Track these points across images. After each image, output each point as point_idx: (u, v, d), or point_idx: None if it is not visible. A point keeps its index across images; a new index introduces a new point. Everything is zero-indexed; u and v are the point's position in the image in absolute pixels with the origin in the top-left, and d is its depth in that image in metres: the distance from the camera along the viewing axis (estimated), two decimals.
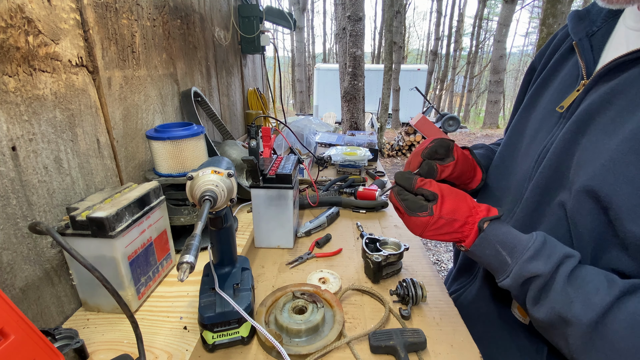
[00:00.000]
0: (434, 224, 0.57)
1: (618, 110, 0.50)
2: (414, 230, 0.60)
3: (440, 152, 0.69)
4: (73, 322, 0.65)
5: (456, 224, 0.57)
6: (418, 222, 0.58)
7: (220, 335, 0.58)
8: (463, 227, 0.57)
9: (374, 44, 19.04)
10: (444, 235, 0.58)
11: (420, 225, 0.58)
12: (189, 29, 1.18)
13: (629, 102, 0.49)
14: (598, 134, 0.51)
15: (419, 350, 0.59)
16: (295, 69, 12.50)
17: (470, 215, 0.57)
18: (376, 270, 0.76)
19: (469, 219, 0.57)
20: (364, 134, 2.17)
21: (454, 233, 0.57)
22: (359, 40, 3.64)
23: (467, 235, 0.57)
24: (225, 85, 1.60)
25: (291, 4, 8.71)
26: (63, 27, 0.64)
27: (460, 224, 0.57)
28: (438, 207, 0.57)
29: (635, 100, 0.48)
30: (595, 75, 0.54)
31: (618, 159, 0.47)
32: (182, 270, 0.38)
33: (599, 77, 0.54)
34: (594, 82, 0.55)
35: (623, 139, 0.47)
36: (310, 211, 1.16)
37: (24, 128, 0.57)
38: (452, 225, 0.57)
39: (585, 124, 0.54)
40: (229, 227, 0.61)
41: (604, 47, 0.57)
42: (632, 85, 0.49)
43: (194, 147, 0.84)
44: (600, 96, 0.53)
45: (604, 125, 0.51)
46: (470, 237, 0.57)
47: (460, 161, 0.71)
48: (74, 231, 0.59)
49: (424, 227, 0.58)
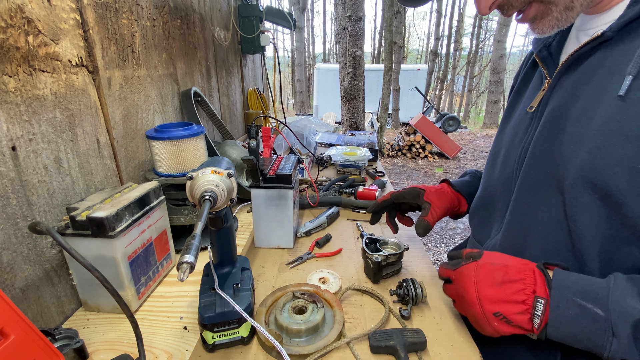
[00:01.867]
0: (482, 269, 0.51)
1: (587, 99, 0.52)
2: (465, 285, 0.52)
3: (407, 197, 0.79)
4: (73, 322, 0.65)
5: (510, 269, 0.49)
6: (465, 270, 0.53)
7: (220, 335, 0.58)
8: (520, 273, 0.48)
9: (374, 44, 19.05)
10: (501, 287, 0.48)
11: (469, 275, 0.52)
12: (189, 29, 1.18)
13: (595, 90, 0.51)
14: (574, 125, 0.53)
15: (419, 350, 0.59)
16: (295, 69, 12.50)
17: (526, 264, 0.51)
18: (376, 270, 0.76)
19: (524, 266, 0.50)
20: (364, 134, 2.17)
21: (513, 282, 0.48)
22: (359, 40, 3.64)
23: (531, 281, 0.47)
24: (225, 85, 1.60)
25: (291, 4, 8.71)
26: (63, 27, 0.64)
27: (515, 269, 0.49)
28: (485, 256, 0.54)
29: (601, 87, 0.50)
30: (557, 73, 0.58)
31: (602, 144, 0.48)
32: (182, 270, 0.38)
33: (560, 74, 0.58)
34: (557, 79, 0.58)
35: (601, 124, 0.48)
36: (310, 211, 1.16)
37: (23, 128, 0.57)
38: (506, 271, 0.49)
39: (559, 120, 0.56)
40: (229, 227, 0.61)
41: (561, 51, 0.62)
42: (594, 73, 0.52)
43: (194, 147, 0.84)
44: (566, 91, 0.56)
45: (578, 117, 0.53)
46: (539, 283, 0.47)
47: (435, 203, 0.77)
48: (74, 231, 0.59)
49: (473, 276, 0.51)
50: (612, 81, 0.49)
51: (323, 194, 1.26)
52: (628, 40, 0.48)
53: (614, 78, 0.49)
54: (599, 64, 0.52)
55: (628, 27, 0.49)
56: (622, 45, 0.49)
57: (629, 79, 0.46)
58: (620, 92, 0.46)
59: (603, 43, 0.52)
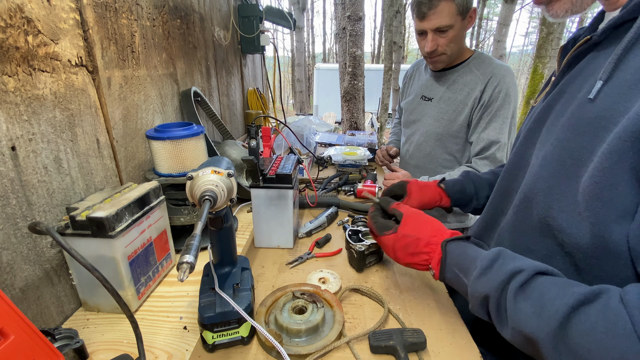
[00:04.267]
0: (399, 242, 0.61)
1: (568, 97, 0.55)
2: (386, 250, 0.65)
3: (396, 191, 0.87)
4: (73, 322, 0.65)
5: (420, 242, 0.60)
6: (385, 240, 0.64)
7: (220, 335, 0.58)
8: (427, 246, 0.59)
9: (374, 43, 19.04)
10: (413, 256, 0.61)
11: (388, 245, 0.63)
12: (188, 29, 1.18)
13: (575, 90, 0.54)
14: (552, 119, 0.57)
15: (419, 350, 0.59)
16: (295, 69, 12.50)
17: (434, 236, 0.60)
18: (360, 259, 0.80)
19: (433, 238, 0.60)
20: (364, 134, 2.17)
21: (421, 254, 0.60)
22: (359, 40, 3.64)
23: (432, 256, 0.59)
24: (225, 85, 1.60)
25: (291, 4, 8.70)
26: (63, 27, 0.64)
27: (425, 242, 0.59)
28: (402, 225, 0.62)
29: (579, 88, 0.53)
30: (560, 71, 0.61)
31: (562, 137, 0.51)
32: (182, 270, 0.38)
33: (562, 72, 0.60)
34: (560, 77, 0.61)
35: (566, 119, 0.52)
36: (309, 211, 1.16)
37: (23, 128, 0.57)
38: (417, 244, 0.60)
39: (546, 113, 0.60)
40: (229, 227, 0.61)
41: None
42: (580, 74, 0.55)
43: (194, 147, 0.84)
44: (559, 87, 0.59)
45: (557, 112, 0.56)
46: (435, 258, 0.58)
47: (414, 194, 0.84)
48: (74, 231, 0.59)
49: (392, 246, 0.62)
50: (587, 83, 0.51)
51: (321, 192, 1.26)
52: (615, 44, 0.49)
53: (589, 81, 0.51)
54: (586, 65, 0.54)
55: (617, 31, 0.50)
56: (608, 49, 0.51)
57: (599, 83, 0.47)
58: (590, 95, 0.48)
59: (596, 45, 0.53)
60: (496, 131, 1.14)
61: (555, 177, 0.51)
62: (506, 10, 5.93)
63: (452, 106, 1.22)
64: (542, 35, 4.60)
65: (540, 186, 0.53)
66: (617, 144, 0.42)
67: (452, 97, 1.22)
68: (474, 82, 1.18)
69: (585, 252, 0.47)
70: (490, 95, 1.14)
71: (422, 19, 1.11)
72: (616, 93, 0.45)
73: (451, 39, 1.12)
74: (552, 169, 0.52)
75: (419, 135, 1.34)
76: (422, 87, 1.35)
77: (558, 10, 0.54)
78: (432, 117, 1.28)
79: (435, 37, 1.13)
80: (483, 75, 1.16)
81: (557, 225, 0.50)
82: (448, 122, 1.23)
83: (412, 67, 1.49)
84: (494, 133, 1.14)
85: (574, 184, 0.48)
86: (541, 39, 4.64)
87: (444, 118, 1.24)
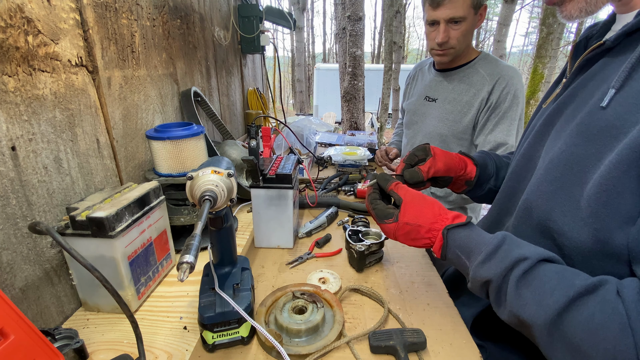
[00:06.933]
0: (400, 230, 0.61)
1: (579, 102, 0.54)
2: (388, 235, 0.64)
3: (419, 155, 0.76)
4: (73, 322, 0.65)
5: (422, 230, 0.59)
6: (386, 228, 0.63)
7: (220, 335, 0.58)
8: (429, 233, 0.59)
9: (374, 43, 19.05)
10: (414, 241, 0.61)
11: (389, 232, 0.62)
12: (188, 29, 1.18)
13: (587, 95, 0.53)
14: (562, 123, 0.56)
15: (419, 350, 0.59)
16: (295, 69, 12.50)
17: (436, 222, 0.59)
18: (360, 259, 0.80)
19: (434, 225, 0.59)
20: (364, 134, 2.17)
21: (422, 239, 0.60)
22: (359, 40, 3.64)
23: (433, 241, 0.59)
24: (225, 85, 1.60)
25: (291, 4, 8.70)
26: (63, 27, 0.64)
27: (426, 229, 0.59)
28: (402, 213, 0.61)
29: (590, 94, 0.52)
30: (571, 74, 0.60)
31: (570, 142, 0.51)
32: (182, 270, 0.38)
33: (574, 75, 0.59)
34: (571, 80, 0.60)
35: (574, 125, 0.51)
36: (309, 211, 1.16)
37: (23, 128, 0.57)
38: (418, 231, 0.59)
39: (556, 116, 0.59)
40: (229, 227, 0.61)
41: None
42: (592, 79, 0.54)
43: (194, 147, 0.84)
44: (570, 91, 0.58)
45: (567, 116, 0.56)
46: (437, 244, 0.59)
47: (439, 155, 0.75)
48: (74, 231, 0.59)
49: (393, 233, 0.62)
50: (599, 90, 0.50)
51: (321, 193, 1.26)
52: (629, 51, 0.48)
53: (601, 88, 0.50)
54: (599, 70, 0.53)
55: (631, 38, 0.49)
56: (622, 56, 0.50)
57: (612, 92, 0.47)
58: (602, 103, 0.48)
59: (609, 51, 0.52)
60: (504, 133, 1.12)
61: (559, 182, 0.51)
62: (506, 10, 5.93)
63: (457, 107, 1.21)
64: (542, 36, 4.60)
65: (544, 189, 0.53)
66: (627, 154, 0.42)
67: (458, 97, 1.21)
68: (480, 82, 1.16)
69: (585, 255, 0.48)
70: (498, 97, 1.13)
71: (435, 8, 1.09)
72: (628, 103, 0.45)
73: (463, 32, 1.11)
74: (558, 173, 0.51)
75: (422, 137, 1.33)
76: (426, 88, 1.34)
77: (572, 10, 0.52)
78: (436, 117, 1.27)
79: (448, 28, 1.11)
80: (490, 76, 1.15)
81: (557, 229, 0.50)
82: (453, 123, 1.22)
83: (415, 69, 1.48)
84: (501, 135, 1.13)
85: (579, 189, 0.48)
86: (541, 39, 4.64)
87: (448, 119, 1.23)
